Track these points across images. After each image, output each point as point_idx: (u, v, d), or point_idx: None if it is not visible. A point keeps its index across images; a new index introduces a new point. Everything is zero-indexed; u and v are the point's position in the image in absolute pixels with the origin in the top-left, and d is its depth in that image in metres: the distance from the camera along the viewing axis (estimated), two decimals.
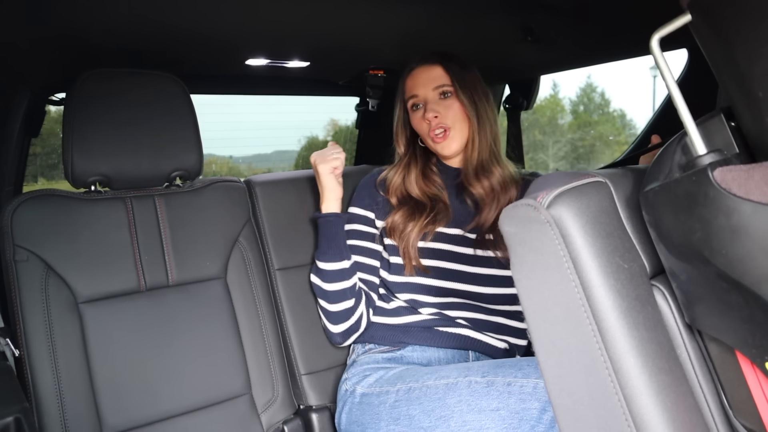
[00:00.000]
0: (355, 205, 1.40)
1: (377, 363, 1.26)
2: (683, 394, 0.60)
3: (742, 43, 0.51)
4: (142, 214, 1.25)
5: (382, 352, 1.28)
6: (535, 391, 0.94)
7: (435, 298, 1.28)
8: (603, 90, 12.07)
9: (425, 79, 1.34)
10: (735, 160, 0.55)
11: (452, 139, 1.32)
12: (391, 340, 1.29)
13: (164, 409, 1.19)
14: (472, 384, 1.02)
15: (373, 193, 1.39)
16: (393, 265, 1.34)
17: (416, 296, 1.30)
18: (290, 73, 1.77)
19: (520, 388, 0.96)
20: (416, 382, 1.10)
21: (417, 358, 1.25)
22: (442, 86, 1.33)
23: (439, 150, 1.34)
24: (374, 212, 1.38)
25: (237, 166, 8.42)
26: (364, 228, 1.37)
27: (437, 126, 1.32)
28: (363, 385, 1.21)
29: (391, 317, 1.31)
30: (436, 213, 1.31)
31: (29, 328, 1.10)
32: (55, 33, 1.22)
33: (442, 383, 1.06)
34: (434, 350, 1.25)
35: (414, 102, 1.36)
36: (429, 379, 1.09)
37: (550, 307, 0.63)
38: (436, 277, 1.28)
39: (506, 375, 0.99)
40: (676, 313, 0.63)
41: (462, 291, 1.28)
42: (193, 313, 1.26)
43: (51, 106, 1.65)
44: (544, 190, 0.64)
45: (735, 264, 0.51)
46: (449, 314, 1.27)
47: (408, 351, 1.26)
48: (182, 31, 1.31)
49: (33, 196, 1.17)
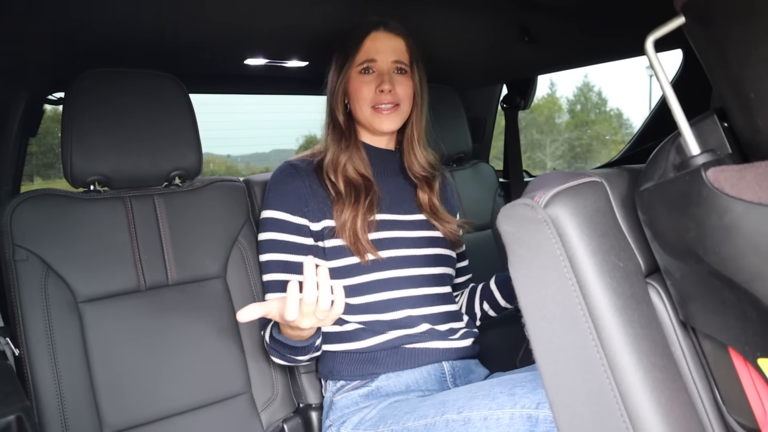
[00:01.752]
0: (279, 209, 1.21)
1: (356, 405, 1.18)
2: (677, 390, 0.61)
3: (734, 45, 0.52)
4: (141, 213, 1.26)
5: (356, 388, 1.19)
6: (511, 421, 0.91)
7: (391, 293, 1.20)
8: (600, 89, 12.11)
9: (388, 47, 1.24)
10: (728, 161, 0.56)
11: (398, 116, 1.25)
12: (361, 372, 1.19)
13: (164, 408, 1.19)
14: (449, 423, 0.99)
15: (301, 193, 1.21)
16: (342, 268, 1.19)
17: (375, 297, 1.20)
18: (289, 72, 1.77)
19: (497, 421, 0.93)
20: (397, 425, 1.07)
21: (393, 386, 1.18)
22: (400, 61, 1.25)
23: (377, 124, 1.24)
24: (306, 217, 1.20)
25: (235, 165, 8.43)
26: (297, 239, 1.20)
27: (390, 100, 1.23)
28: (347, 426, 1.16)
29: (352, 342, 1.20)
30: (371, 198, 1.21)
31: (29, 328, 1.10)
32: (52, 32, 1.22)
33: (421, 424, 1.03)
34: (408, 373, 1.19)
35: (368, 66, 1.24)
36: (408, 420, 1.05)
37: (547, 305, 0.64)
38: (392, 267, 1.21)
39: (481, 408, 0.95)
40: (671, 310, 0.64)
41: (417, 277, 1.23)
42: (193, 312, 1.26)
43: (47, 105, 1.65)
44: (541, 189, 0.65)
45: (728, 262, 0.52)
46: (409, 314, 1.21)
47: (382, 380, 1.18)
48: (181, 30, 1.32)
49: (32, 196, 1.17)
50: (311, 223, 1.21)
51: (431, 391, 1.19)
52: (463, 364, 1.26)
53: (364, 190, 1.22)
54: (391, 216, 1.26)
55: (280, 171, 1.26)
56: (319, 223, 1.21)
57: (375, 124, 1.24)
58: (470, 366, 1.28)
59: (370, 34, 1.23)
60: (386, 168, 1.32)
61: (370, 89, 1.23)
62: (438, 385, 1.21)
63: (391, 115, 1.24)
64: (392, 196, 1.28)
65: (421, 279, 1.24)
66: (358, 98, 1.24)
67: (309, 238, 1.21)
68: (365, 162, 1.26)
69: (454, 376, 1.23)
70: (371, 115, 1.24)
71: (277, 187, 1.24)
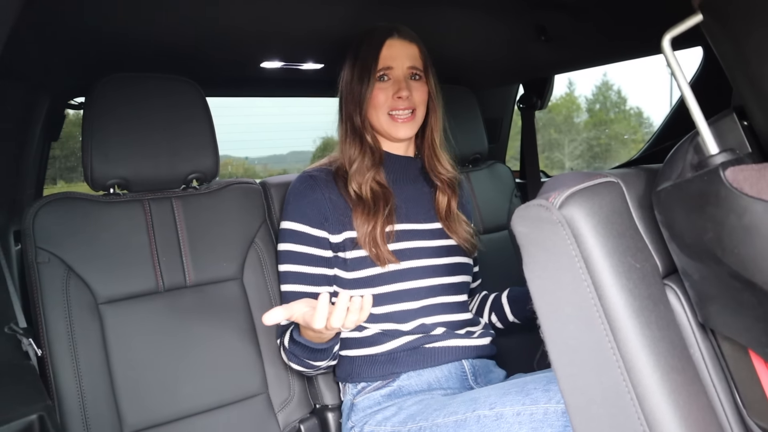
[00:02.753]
0: (299, 221, 1.22)
1: (379, 404, 1.18)
2: (696, 392, 0.60)
3: (753, 42, 0.51)
4: (159, 216, 1.27)
5: (378, 389, 1.19)
6: (545, 417, 0.90)
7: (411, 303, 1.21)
8: (619, 88, 11.97)
9: (403, 54, 1.24)
10: (747, 160, 0.55)
11: (415, 122, 1.26)
12: (382, 372, 1.19)
13: (182, 408, 1.20)
14: (481, 419, 0.98)
15: (321, 206, 1.22)
16: (363, 279, 1.20)
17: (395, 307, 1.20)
18: (305, 75, 1.78)
19: (530, 416, 0.92)
20: (426, 421, 1.06)
21: (415, 385, 1.18)
22: (415, 67, 1.26)
23: (394, 132, 1.24)
24: (326, 229, 1.21)
25: (253, 167, 8.49)
26: (316, 251, 1.21)
27: (407, 106, 1.23)
28: (371, 423, 1.16)
29: (372, 347, 1.21)
30: (389, 208, 1.22)
31: (51, 329, 1.12)
32: (73, 38, 1.24)
33: (452, 420, 1.02)
34: (429, 371, 1.19)
35: (385, 74, 1.24)
36: (438, 417, 1.04)
37: (563, 307, 0.63)
38: (412, 277, 1.21)
39: (514, 404, 0.94)
40: (689, 312, 0.63)
41: (438, 286, 1.23)
42: (211, 313, 1.28)
43: (69, 110, 1.68)
44: (556, 190, 0.65)
45: (747, 263, 0.51)
46: (427, 322, 1.21)
47: (404, 380, 1.19)
48: (198, 35, 1.33)
49: (53, 199, 1.19)
50: (331, 236, 1.21)
51: (453, 389, 1.19)
52: (482, 363, 1.25)
53: (383, 200, 1.22)
54: (410, 225, 1.26)
55: (300, 182, 1.26)
56: (339, 235, 1.21)
57: (392, 131, 1.25)
58: (489, 366, 1.27)
59: (385, 42, 1.24)
60: (404, 175, 1.31)
61: (387, 96, 1.23)
62: (459, 383, 1.21)
63: (408, 123, 1.24)
64: (410, 204, 1.28)
65: (440, 288, 1.25)
66: (374, 105, 1.24)
67: (328, 250, 1.22)
68: (384, 171, 1.27)
69: (475, 375, 1.23)
70: (387, 123, 1.24)
71: (296, 198, 1.24)
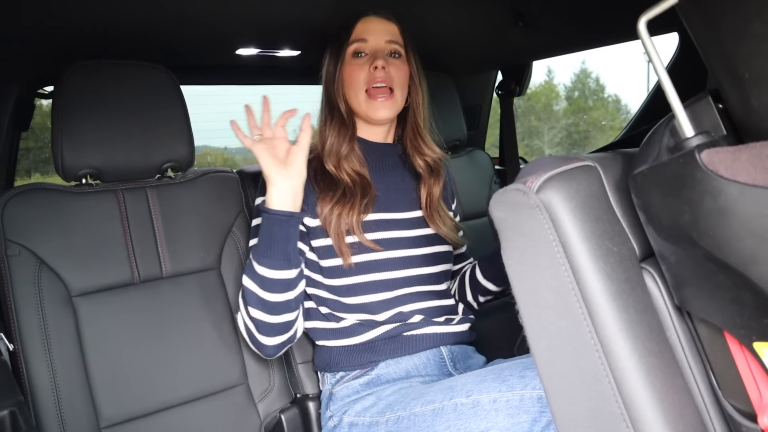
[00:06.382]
0: None
1: (357, 393, 1.17)
2: (673, 375, 0.60)
3: (728, 24, 0.51)
4: (134, 206, 1.25)
5: (356, 378, 1.18)
6: (521, 403, 0.90)
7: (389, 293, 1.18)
8: (598, 75, 12.07)
9: (380, 29, 1.20)
10: (722, 142, 0.55)
11: (394, 102, 1.19)
12: (360, 361, 1.18)
13: (161, 401, 1.19)
14: (458, 407, 0.97)
15: None
16: (336, 268, 1.16)
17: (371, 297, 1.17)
18: (282, 62, 1.76)
19: (506, 403, 0.91)
20: (404, 411, 1.05)
21: (393, 373, 1.17)
22: (395, 43, 1.21)
23: (372, 112, 1.19)
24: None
25: (232, 157, 8.40)
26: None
27: (383, 79, 1.17)
28: (350, 413, 1.14)
29: (350, 338, 1.18)
30: (365, 196, 1.17)
31: (23, 323, 1.10)
32: (41, 24, 1.21)
33: (429, 409, 1.01)
34: (407, 359, 1.18)
35: (359, 48, 1.19)
36: (416, 406, 1.04)
37: (541, 291, 0.63)
38: (389, 268, 1.18)
39: (490, 391, 0.94)
40: (666, 295, 0.63)
41: (414, 276, 1.21)
42: (188, 304, 1.26)
43: (43, 101, 1.64)
44: (533, 174, 0.64)
45: (722, 245, 0.51)
46: (404, 310, 1.19)
47: (382, 368, 1.17)
48: (170, 20, 1.30)
49: (23, 191, 1.16)
50: (306, 217, 1.17)
51: (432, 377, 1.19)
52: (461, 350, 1.25)
53: (360, 190, 1.17)
54: (388, 215, 1.22)
55: None
56: (315, 220, 1.17)
57: (370, 112, 1.19)
58: (468, 352, 1.27)
59: (360, 19, 1.21)
60: (384, 162, 1.27)
61: (363, 71, 1.18)
62: (438, 370, 1.20)
63: (386, 102, 1.19)
64: (390, 193, 1.24)
65: (419, 278, 1.22)
66: (351, 83, 1.19)
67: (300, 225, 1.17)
68: (361, 159, 1.22)
69: (454, 361, 1.23)
70: (366, 102, 1.19)
71: None
